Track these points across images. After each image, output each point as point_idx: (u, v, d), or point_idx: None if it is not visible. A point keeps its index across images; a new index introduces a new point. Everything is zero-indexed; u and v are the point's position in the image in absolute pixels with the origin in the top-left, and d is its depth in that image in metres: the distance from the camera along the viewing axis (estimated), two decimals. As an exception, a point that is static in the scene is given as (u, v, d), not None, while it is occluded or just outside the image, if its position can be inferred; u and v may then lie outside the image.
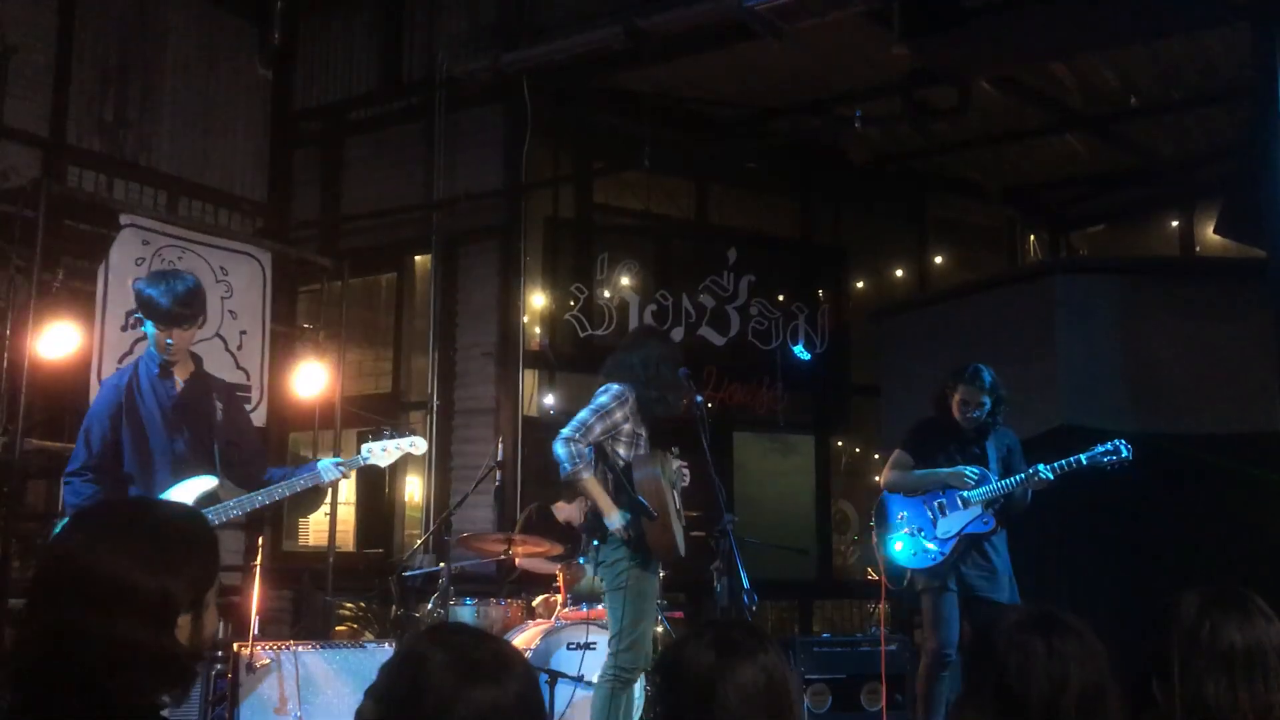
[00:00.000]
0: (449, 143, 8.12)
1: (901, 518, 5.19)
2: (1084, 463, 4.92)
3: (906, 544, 5.15)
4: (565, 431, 4.61)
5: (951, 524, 5.09)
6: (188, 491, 4.00)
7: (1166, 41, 7.03)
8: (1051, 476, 4.95)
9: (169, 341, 4.05)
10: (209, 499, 4.05)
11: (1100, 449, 4.91)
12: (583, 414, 4.64)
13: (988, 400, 5.11)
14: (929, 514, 5.14)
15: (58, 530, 1.70)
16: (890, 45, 6.27)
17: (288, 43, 8.77)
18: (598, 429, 4.60)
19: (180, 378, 4.15)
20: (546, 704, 4.93)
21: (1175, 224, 9.77)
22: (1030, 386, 6.63)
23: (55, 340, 5.57)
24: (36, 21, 7.30)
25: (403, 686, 1.62)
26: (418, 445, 4.50)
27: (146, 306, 4.02)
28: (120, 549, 1.57)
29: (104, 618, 1.51)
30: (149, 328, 4.08)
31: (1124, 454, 4.90)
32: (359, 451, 4.46)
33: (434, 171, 8.17)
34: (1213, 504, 6.25)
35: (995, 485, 5.05)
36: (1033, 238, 10.27)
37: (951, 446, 5.18)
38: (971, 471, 5.08)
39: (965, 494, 5.08)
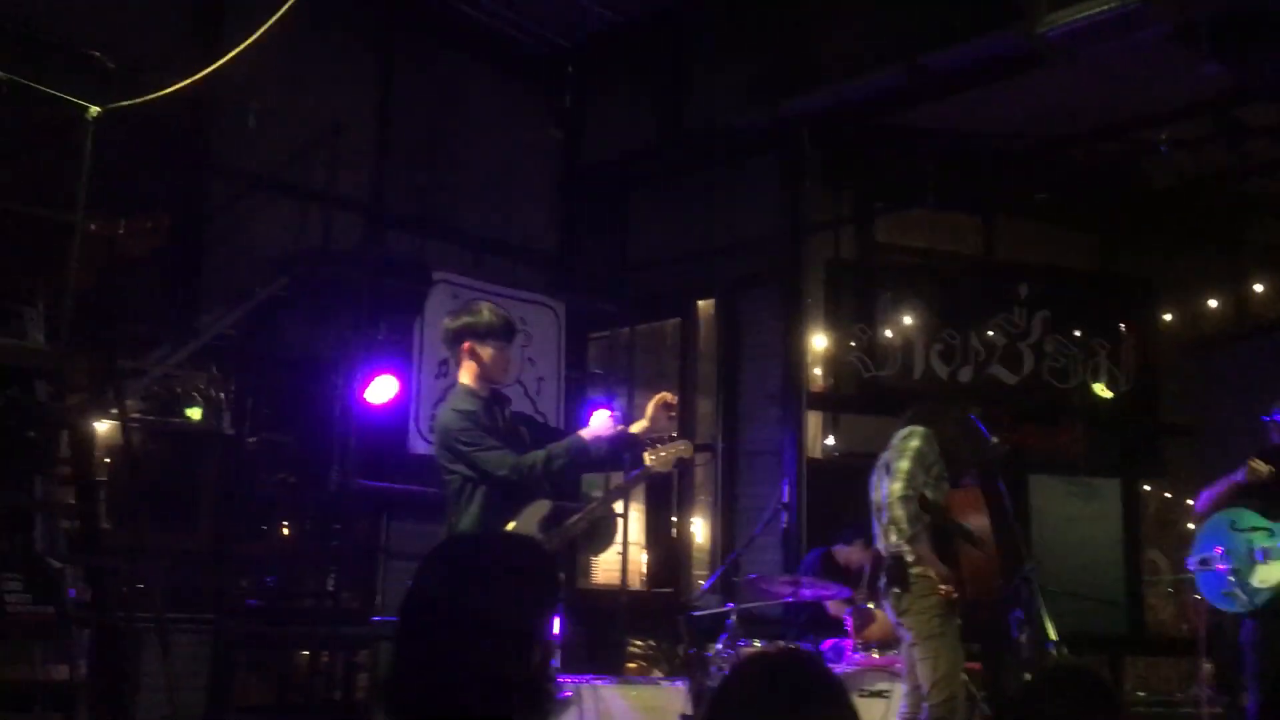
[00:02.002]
0: (729, 189, 8.26)
1: (1218, 552, 4.76)
2: None
3: (1217, 578, 4.72)
4: (898, 489, 4.56)
5: (1272, 573, 4.59)
6: (532, 515, 4.16)
7: None
8: None
9: (511, 358, 4.24)
10: (549, 520, 4.23)
11: None
12: (906, 464, 4.60)
13: None
14: (1249, 555, 4.65)
15: (432, 557, 1.86)
16: (1198, 64, 5.88)
17: (575, 101, 9.24)
18: (920, 478, 4.58)
19: (501, 406, 4.32)
20: None
21: None
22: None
23: (379, 389, 6.08)
24: (357, 99, 8.05)
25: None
26: (688, 448, 4.58)
27: (487, 330, 4.17)
28: (488, 587, 1.70)
29: (475, 651, 1.64)
30: (457, 362, 4.26)
31: None
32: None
33: (714, 218, 8.34)
34: None
35: None
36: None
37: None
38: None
39: None
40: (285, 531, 6.35)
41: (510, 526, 4.12)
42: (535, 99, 9.23)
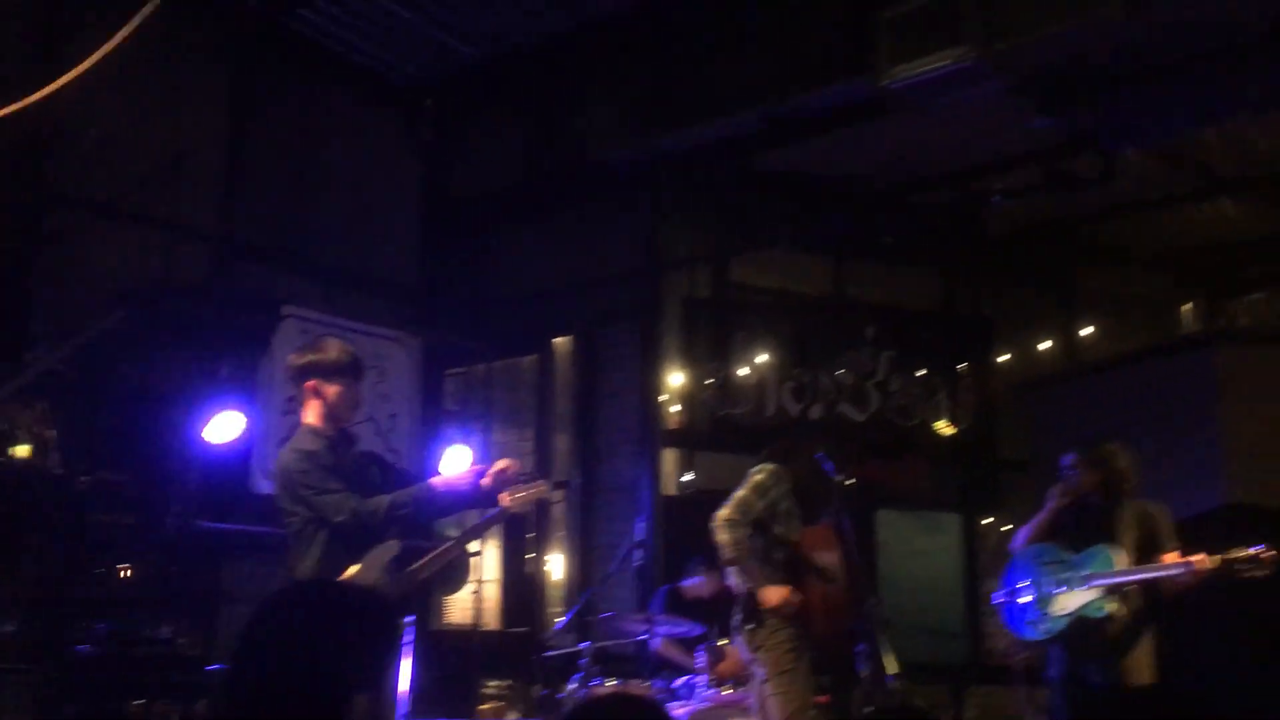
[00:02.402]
0: (589, 227, 8.33)
1: (1022, 585, 4.95)
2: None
3: (1021, 609, 4.89)
4: (724, 514, 4.65)
5: (1070, 600, 4.81)
6: (378, 557, 4.03)
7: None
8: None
9: (360, 396, 4.16)
10: (397, 562, 4.11)
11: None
12: (740, 493, 4.69)
13: None
14: (1050, 586, 4.86)
15: (262, 606, 1.83)
16: (1031, 118, 6.22)
17: (440, 135, 9.16)
18: (757, 505, 4.66)
19: (350, 446, 4.22)
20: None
21: (1345, 288, 9.27)
22: (1188, 463, 6.34)
23: (221, 426, 5.89)
24: (208, 126, 7.81)
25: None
26: (546, 488, 4.54)
27: (332, 367, 4.08)
28: (318, 636, 1.70)
29: (303, 699, 1.63)
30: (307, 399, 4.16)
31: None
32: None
33: (574, 255, 8.39)
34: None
35: (1122, 573, 4.71)
36: (1189, 306, 9.87)
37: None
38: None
39: (1091, 574, 4.78)
40: (121, 575, 6.09)
41: (354, 570, 4.01)
42: (401, 132, 9.12)
